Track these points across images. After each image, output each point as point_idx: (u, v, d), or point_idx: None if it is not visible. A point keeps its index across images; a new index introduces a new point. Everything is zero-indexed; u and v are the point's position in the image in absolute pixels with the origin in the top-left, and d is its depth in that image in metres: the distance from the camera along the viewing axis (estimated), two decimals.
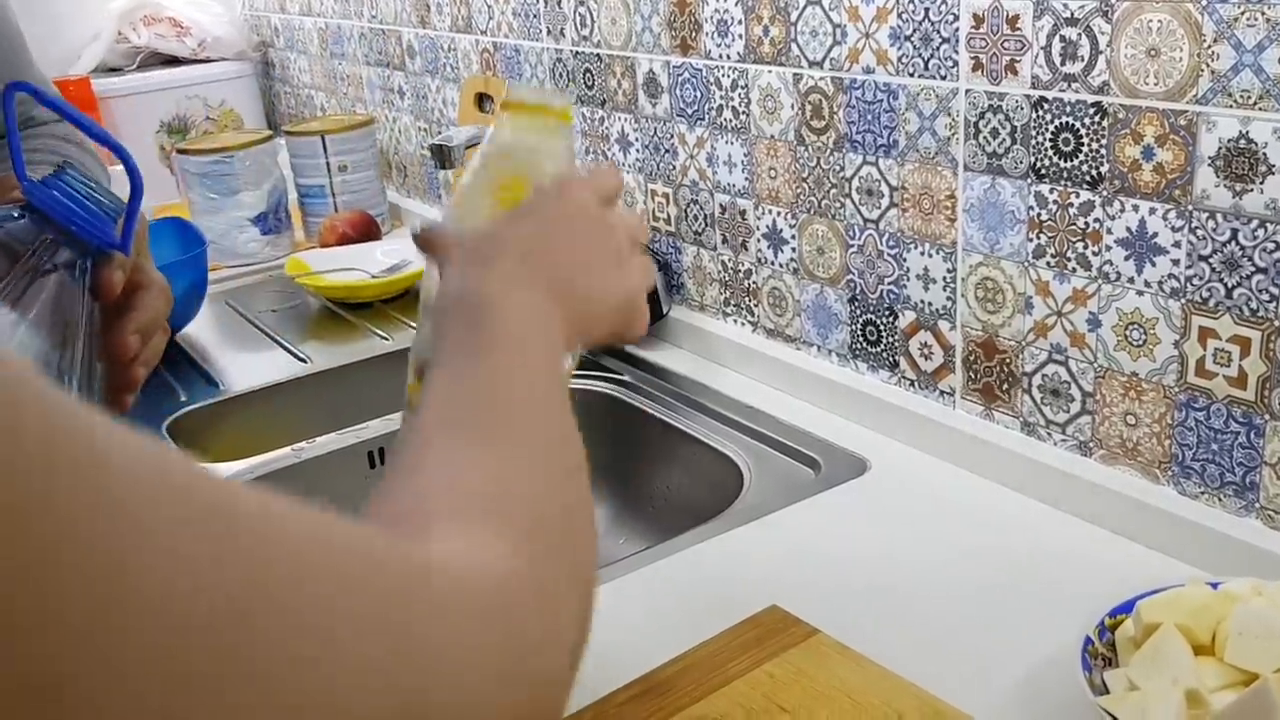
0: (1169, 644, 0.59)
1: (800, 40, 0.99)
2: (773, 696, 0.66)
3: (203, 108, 2.16)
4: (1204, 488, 0.79)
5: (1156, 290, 0.78)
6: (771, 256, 1.10)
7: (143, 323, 0.62)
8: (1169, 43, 0.73)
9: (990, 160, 0.86)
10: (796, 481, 0.97)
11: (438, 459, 0.42)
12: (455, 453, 0.42)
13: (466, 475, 0.41)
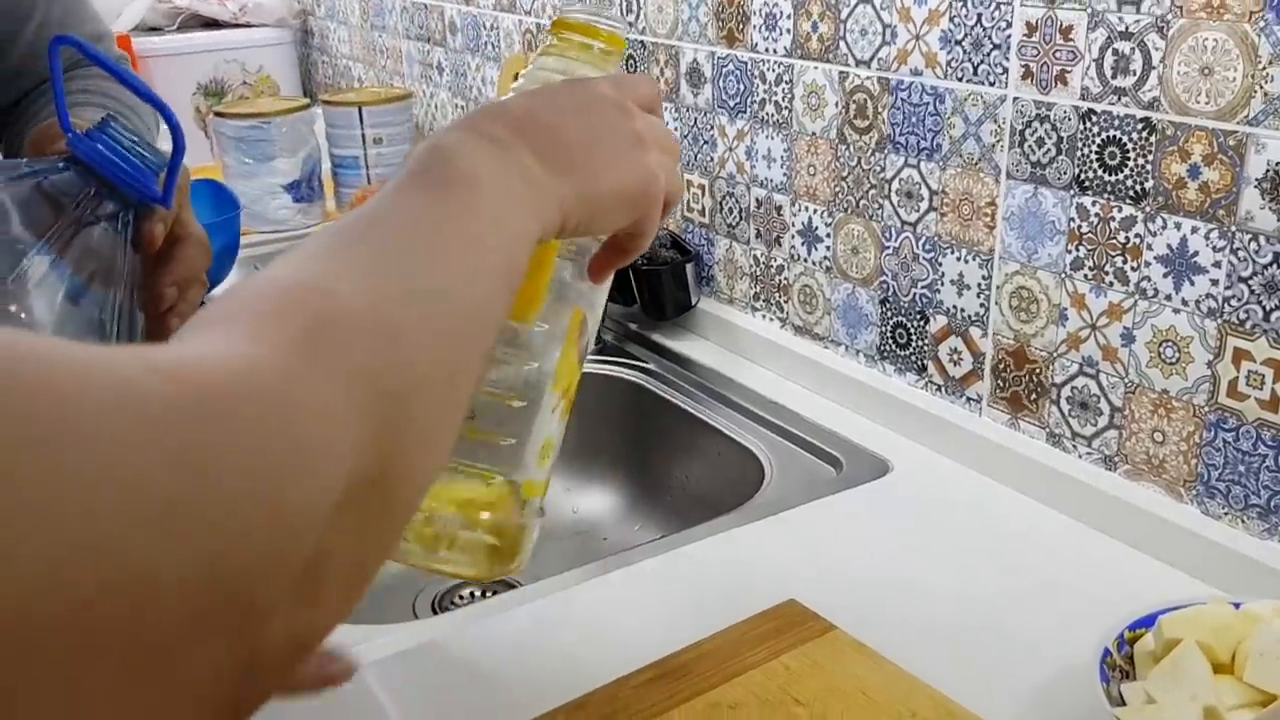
0: (1189, 660, 0.60)
1: (849, 38, 0.99)
2: (788, 688, 0.67)
3: (240, 72, 2.17)
4: (1228, 509, 0.79)
5: (1193, 309, 0.78)
6: (805, 254, 1.10)
7: (181, 275, 0.63)
8: (1223, 62, 0.73)
9: (1034, 169, 0.86)
10: (817, 479, 0.98)
11: (261, 275, 0.37)
12: (280, 267, 0.37)
13: (271, 284, 0.36)
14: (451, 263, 0.40)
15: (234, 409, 0.29)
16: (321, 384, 0.32)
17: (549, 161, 0.46)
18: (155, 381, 0.28)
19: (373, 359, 0.34)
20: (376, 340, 0.35)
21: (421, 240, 0.40)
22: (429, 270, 0.39)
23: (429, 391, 0.37)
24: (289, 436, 0.31)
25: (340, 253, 0.38)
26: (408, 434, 0.35)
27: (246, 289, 0.35)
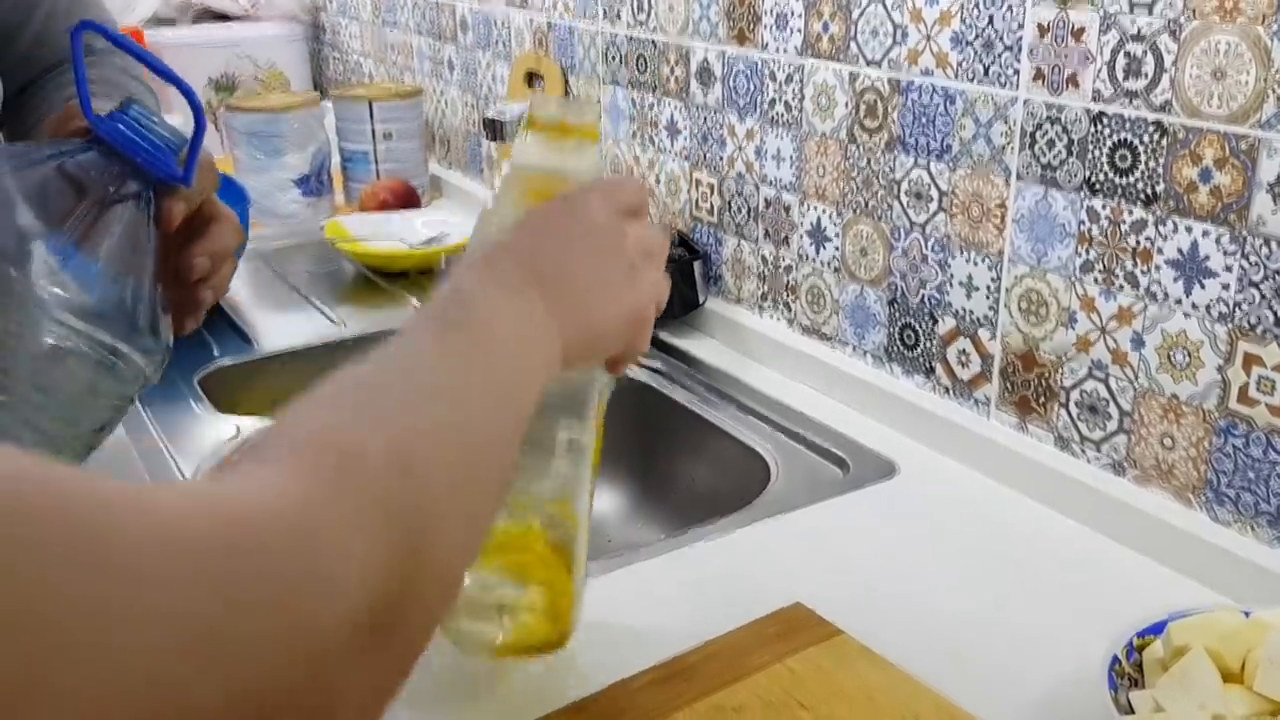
0: (1198, 668, 0.59)
1: (860, 38, 0.99)
2: (792, 692, 0.66)
3: (251, 67, 2.17)
4: (1237, 515, 0.78)
5: (1204, 313, 0.77)
6: (813, 254, 1.09)
7: (213, 248, 0.63)
8: (1236, 65, 0.72)
9: (1044, 171, 0.86)
10: (823, 480, 0.97)
11: (291, 412, 0.39)
12: (311, 405, 0.39)
13: (304, 422, 0.38)
14: (468, 404, 0.43)
15: (265, 544, 0.32)
16: (343, 519, 0.34)
17: (555, 305, 0.50)
18: (199, 519, 0.31)
19: (392, 495, 0.36)
20: (395, 477, 0.37)
21: (441, 384, 0.43)
22: (447, 412, 0.42)
23: (447, 525, 0.39)
24: (314, 570, 0.32)
25: (366, 395, 0.40)
26: (425, 567, 0.37)
27: (282, 429, 0.38)
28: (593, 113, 0.62)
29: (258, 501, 0.33)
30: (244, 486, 0.34)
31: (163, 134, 0.58)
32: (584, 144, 0.61)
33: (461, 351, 0.45)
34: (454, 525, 0.39)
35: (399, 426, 0.39)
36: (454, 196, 1.79)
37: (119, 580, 0.28)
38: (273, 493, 0.33)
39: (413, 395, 0.41)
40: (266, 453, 0.36)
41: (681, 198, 1.26)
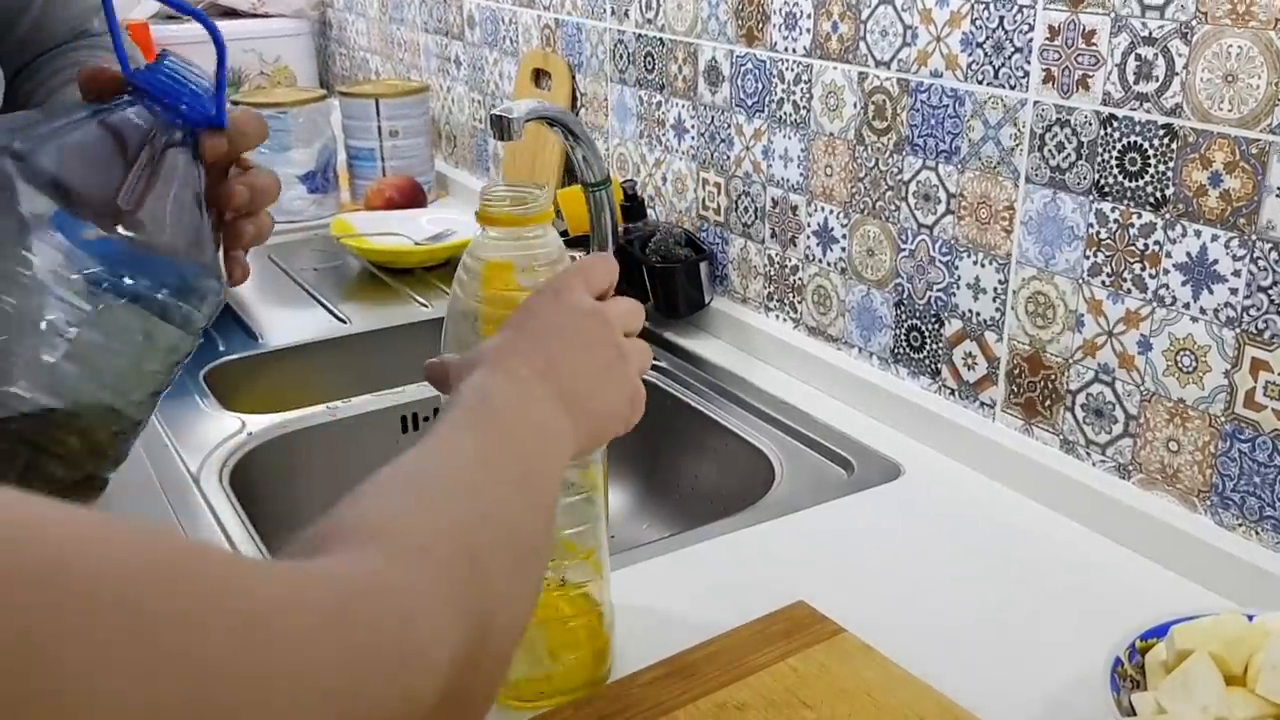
0: (1201, 671, 0.59)
1: (869, 39, 0.99)
2: (795, 690, 0.66)
3: (258, 62, 2.17)
4: (1242, 520, 0.78)
5: (1211, 318, 0.77)
6: (820, 254, 1.09)
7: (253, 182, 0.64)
8: (1247, 69, 0.72)
9: (1053, 174, 0.86)
10: (828, 481, 0.97)
11: (355, 501, 0.43)
12: (374, 496, 0.43)
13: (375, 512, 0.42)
14: (513, 499, 0.48)
15: (378, 621, 0.36)
16: (434, 601, 0.39)
17: (565, 402, 0.54)
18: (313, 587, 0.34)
19: (465, 583, 0.41)
20: (465, 567, 0.41)
21: (488, 482, 0.47)
22: (497, 507, 0.47)
23: (504, 608, 0.43)
24: (418, 650, 0.37)
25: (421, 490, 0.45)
26: (488, 647, 0.41)
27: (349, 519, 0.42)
28: (545, 198, 0.64)
29: (365, 581, 0.37)
30: (343, 566, 0.37)
31: (200, 81, 0.59)
32: (541, 227, 0.64)
33: (495, 449, 0.49)
34: (509, 608, 0.44)
35: (458, 519, 0.43)
36: (460, 194, 1.79)
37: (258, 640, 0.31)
38: (373, 575, 0.37)
39: (462, 490, 0.46)
40: (344, 539, 0.39)
41: (688, 197, 1.26)
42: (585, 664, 0.68)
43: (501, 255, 0.64)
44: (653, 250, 1.21)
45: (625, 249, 1.20)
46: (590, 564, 0.67)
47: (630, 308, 0.62)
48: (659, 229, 1.24)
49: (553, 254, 0.64)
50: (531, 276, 0.63)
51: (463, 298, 0.64)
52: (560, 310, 0.58)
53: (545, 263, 0.64)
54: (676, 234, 1.23)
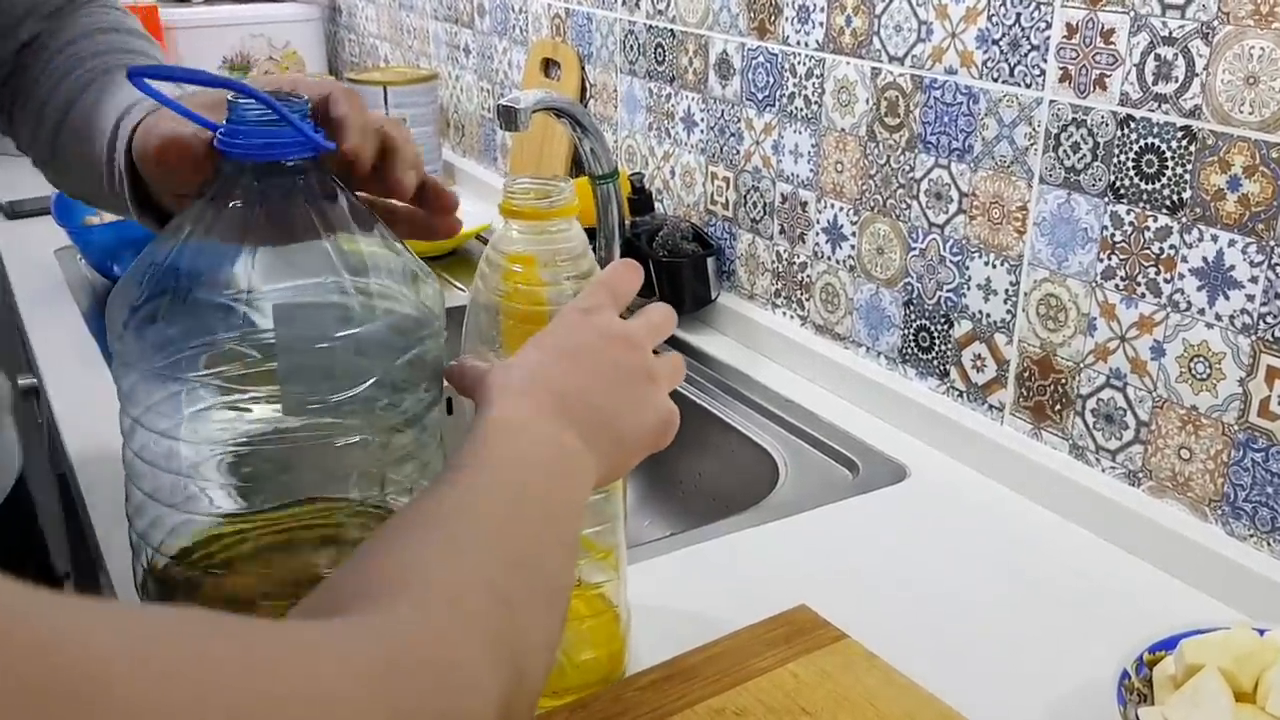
0: (1210, 687, 0.58)
1: (883, 34, 0.97)
2: (795, 696, 0.65)
3: (266, 47, 2.16)
4: (1253, 530, 0.77)
5: (1227, 325, 0.76)
6: (829, 252, 1.08)
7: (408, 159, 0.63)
8: (1270, 71, 0.71)
9: (1068, 175, 0.84)
10: (832, 481, 0.96)
11: (381, 549, 0.43)
12: (399, 544, 0.43)
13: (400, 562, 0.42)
14: (539, 541, 0.47)
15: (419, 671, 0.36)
16: (475, 657, 0.39)
17: (592, 438, 0.53)
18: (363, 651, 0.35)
19: (502, 631, 0.41)
20: (502, 614, 0.42)
21: (514, 524, 0.47)
22: (526, 549, 0.46)
23: (537, 650, 0.44)
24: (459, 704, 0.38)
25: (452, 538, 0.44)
26: (523, 688, 0.42)
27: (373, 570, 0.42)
28: (569, 191, 0.63)
29: (405, 636, 0.37)
30: (380, 620, 0.37)
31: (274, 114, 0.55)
32: (566, 221, 0.63)
33: (519, 489, 0.49)
34: (541, 648, 0.44)
35: (486, 566, 0.43)
36: (467, 184, 1.78)
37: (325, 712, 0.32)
38: (412, 629, 0.38)
39: (488, 535, 0.45)
40: (370, 595, 0.39)
41: (696, 191, 1.24)
42: (601, 664, 0.67)
43: (524, 249, 0.62)
44: (660, 244, 1.20)
45: (632, 243, 1.19)
46: (608, 564, 0.66)
47: (660, 320, 0.61)
48: (666, 223, 1.23)
49: (577, 249, 0.63)
50: (555, 271, 0.62)
51: (484, 291, 0.63)
52: (588, 333, 0.57)
53: (569, 257, 0.63)
54: (684, 228, 1.22)
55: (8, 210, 1.64)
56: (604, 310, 0.58)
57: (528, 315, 0.62)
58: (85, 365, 1.12)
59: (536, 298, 0.62)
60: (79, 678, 0.26)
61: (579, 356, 0.55)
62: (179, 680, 0.28)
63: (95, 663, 0.26)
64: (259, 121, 0.54)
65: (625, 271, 0.61)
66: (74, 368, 1.12)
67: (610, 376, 0.56)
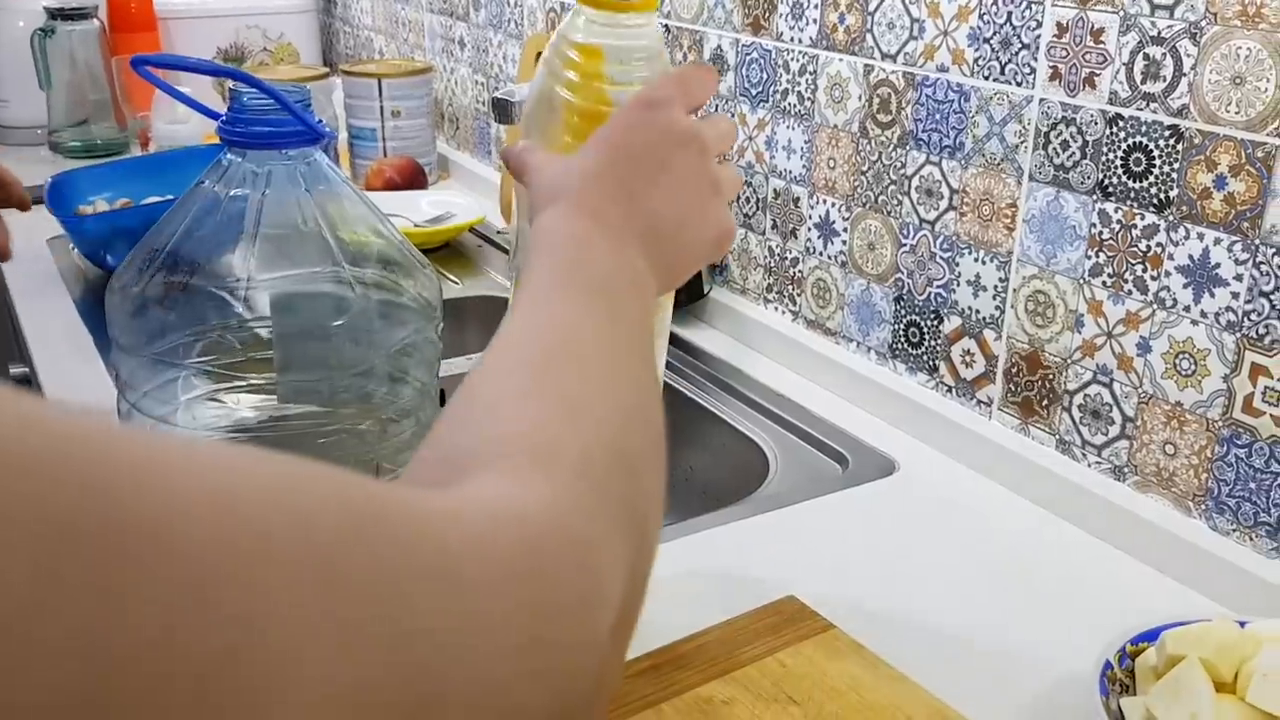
0: (1191, 677, 0.59)
1: (876, 31, 0.98)
2: (783, 685, 0.66)
3: (261, 39, 2.16)
4: (1236, 525, 0.78)
5: (1212, 322, 0.77)
6: (821, 247, 1.09)
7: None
8: (1256, 72, 0.72)
9: (1057, 172, 0.85)
10: (822, 475, 0.97)
11: (490, 403, 0.39)
12: (510, 397, 0.39)
13: (518, 419, 0.38)
14: (640, 380, 0.44)
15: (560, 556, 0.32)
16: (604, 522, 0.35)
17: (655, 252, 0.50)
18: (498, 529, 0.31)
19: (627, 497, 0.37)
20: (624, 477, 0.38)
21: (611, 365, 0.43)
22: (632, 394, 0.42)
23: (656, 509, 0.40)
24: (597, 583, 0.34)
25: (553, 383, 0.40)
26: (647, 552, 0.38)
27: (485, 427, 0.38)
28: None
29: (543, 517, 0.33)
30: (515, 499, 0.33)
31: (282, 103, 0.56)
32: (644, 16, 0.58)
33: (611, 325, 0.45)
34: (658, 507, 0.40)
35: (605, 418, 0.39)
36: (461, 177, 1.78)
37: (455, 593, 0.28)
38: (548, 508, 0.33)
39: (598, 380, 0.41)
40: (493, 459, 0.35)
41: None
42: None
43: (596, 41, 0.57)
44: None
45: None
46: None
47: (728, 128, 0.58)
48: None
49: (652, 47, 0.58)
50: (626, 70, 0.57)
51: (549, 81, 0.58)
52: (655, 133, 0.53)
53: (643, 56, 0.58)
54: None
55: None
56: (672, 106, 0.53)
57: (592, 113, 0.57)
58: (78, 354, 1.13)
59: (602, 96, 0.57)
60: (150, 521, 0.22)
61: (644, 160, 0.52)
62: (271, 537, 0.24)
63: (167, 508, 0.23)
64: (259, 110, 0.55)
65: (700, 72, 0.56)
66: (66, 357, 1.12)
67: (676, 185, 0.52)
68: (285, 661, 0.23)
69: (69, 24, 1.87)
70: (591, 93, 0.57)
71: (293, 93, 0.56)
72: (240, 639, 0.23)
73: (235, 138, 0.55)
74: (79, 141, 1.90)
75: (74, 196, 1.38)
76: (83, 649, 0.20)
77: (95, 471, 0.22)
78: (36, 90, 1.89)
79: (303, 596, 0.24)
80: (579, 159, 0.52)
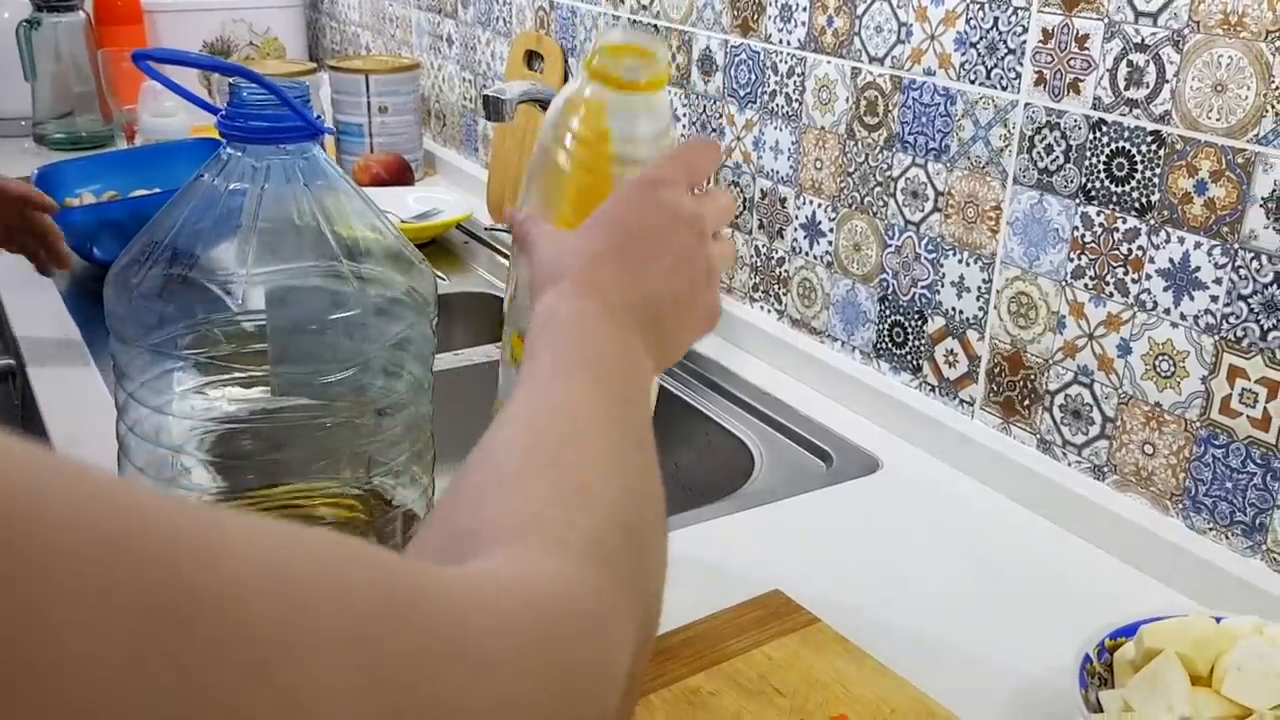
0: (1168, 670, 0.60)
1: (864, 34, 0.99)
2: (768, 677, 0.67)
3: (247, 33, 2.16)
4: (1213, 524, 0.79)
5: (1191, 324, 0.78)
6: (807, 247, 1.10)
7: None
8: (1237, 79, 0.73)
9: (1041, 176, 0.86)
10: (807, 472, 0.98)
11: (497, 484, 0.39)
12: (517, 478, 0.40)
13: (527, 500, 0.39)
14: (642, 459, 0.44)
15: (576, 632, 0.33)
16: (619, 609, 0.36)
17: (651, 335, 0.51)
18: (514, 607, 0.32)
19: (634, 573, 0.39)
20: (632, 555, 0.39)
21: (622, 445, 0.44)
22: (638, 474, 0.43)
23: (660, 582, 0.41)
24: (607, 661, 0.35)
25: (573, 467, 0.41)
26: (652, 624, 0.40)
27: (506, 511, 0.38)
28: (664, 58, 0.58)
29: (559, 595, 0.34)
30: (532, 577, 0.34)
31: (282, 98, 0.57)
32: (654, 95, 0.58)
33: (612, 405, 0.46)
34: (662, 583, 0.42)
35: (613, 498, 0.40)
36: (448, 173, 1.79)
37: (475, 672, 0.29)
38: (565, 587, 0.34)
39: (604, 461, 0.42)
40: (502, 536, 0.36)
41: None
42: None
43: (604, 118, 0.57)
44: None
45: None
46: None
47: (727, 204, 0.59)
48: None
49: (659, 127, 0.59)
50: (633, 149, 0.58)
51: (552, 146, 0.59)
52: (657, 214, 0.54)
53: (650, 136, 0.58)
54: None
55: None
56: (675, 186, 0.54)
57: (595, 189, 0.58)
58: (64, 346, 1.13)
59: (605, 175, 0.57)
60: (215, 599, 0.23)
61: (645, 240, 0.53)
62: (319, 614, 0.26)
63: (230, 585, 0.24)
64: (258, 105, 0.55)
65: (703, 149, 0.58)
66: (53, 349, 1.12)
67: (673, 267, 0.53)
68: None
69: (55, 16, 1.86)
70: (597, 169, 0.58)
71: (292, 88, 0.57)
72: (290, 711, 0.24)
73: (235, 132, 0.56)
74: (64, 134, 1.89)
75: (61, 188, 1.37)
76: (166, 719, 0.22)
77: (169, 549, 0.23)
78: (21, 82, 1.88)
79: (345, 672, 0.25)
80: (581, 238, 0.53)
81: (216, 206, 0.56)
